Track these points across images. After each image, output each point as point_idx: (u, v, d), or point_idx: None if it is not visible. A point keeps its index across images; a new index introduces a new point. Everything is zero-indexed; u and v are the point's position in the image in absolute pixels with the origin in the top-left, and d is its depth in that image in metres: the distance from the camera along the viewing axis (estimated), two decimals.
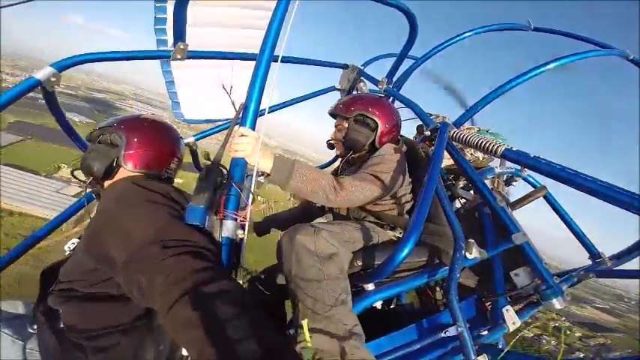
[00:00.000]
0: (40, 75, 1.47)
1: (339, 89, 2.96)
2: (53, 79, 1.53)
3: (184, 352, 1.03)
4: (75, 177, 1.38)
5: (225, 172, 1.20)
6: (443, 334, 1.39)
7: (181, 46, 1.91)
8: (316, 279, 1.30)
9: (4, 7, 1.64)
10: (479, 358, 1.29)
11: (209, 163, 1.17)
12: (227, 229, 1.12)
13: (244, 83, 2.82)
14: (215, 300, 0.78)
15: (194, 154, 2.61)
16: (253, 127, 1.32)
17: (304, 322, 0.99)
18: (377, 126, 1.87)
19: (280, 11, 1.45)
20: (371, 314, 1.43)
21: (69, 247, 1.37)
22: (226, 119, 2.82)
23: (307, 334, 0.90)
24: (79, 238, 1.25)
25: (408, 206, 1.80)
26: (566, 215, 2.22)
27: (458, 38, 2.66)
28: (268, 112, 1.45)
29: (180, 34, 1.88)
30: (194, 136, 2.58)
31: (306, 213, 2.20)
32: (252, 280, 1.81)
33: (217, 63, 2.64)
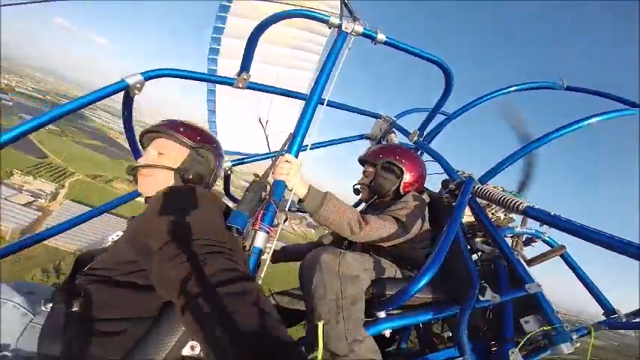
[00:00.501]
0: (130, 80, 1.81)
1: (369, 138, 3.40)
2: (138, 86, 1.85)
3: (184, 351, 1.18)
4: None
5: (268, 189, 1.52)
6: None
7: (244, 77, 2.31)
8: (335, 297, 1.57)
9: (4, 5, 1.91)
10: None
11: (257, 178, 1.51)
12: (259, 240, 1.39)
13: (279, 118, 3.39)
14: (237, 299, 0.88)
15: (227, 178, 2.99)
16: (296, 156, 1.72)
17: (319, 324, 1.30)
18: (402, 174, 2.25)
19: (332, 60, 1.92)
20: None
21: (112, 238, 1.59)
22: (260, 154, 3.23)
23: (321, 337, 1.15)
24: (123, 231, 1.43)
25: (424, 252, 2.09)
26: (582, 273, 2.44)
27: (490, 96, 2.94)
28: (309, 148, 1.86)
29: (246, 65, 2.29)
30: (232, 161, 2.98)
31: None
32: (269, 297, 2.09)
33: (258, 97, 3.12)
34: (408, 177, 2.28)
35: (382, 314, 1.70)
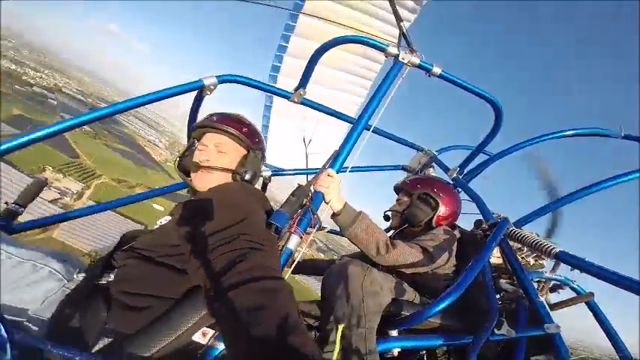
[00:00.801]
0: (207, 81, 2.08)
1: (407, 169, 3.60)
2: (212, 87, 2.13)
3: (195, 337, 1.27)
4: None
5: (309, 197, 1.68)
6: None
7: (301, 92, 2.59)
8: (357, 305, 1.73)
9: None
10: None
11: (302, 185, 1.67)
12: (293, 242, 1.52)
13: (321, 138, 3.65)
14: (269, 295, 0.97)
15: (265, 186, 3.25)
16: (338, 172, 1.92)
17: (340, 326, 1.45)
18: (438, 206, 2.41)
19: (384, 87, 2.15)
20: None
21: (160, 222, 1.62)
22: (299, 169, 3.51)
23: (339, 339, 1.26)
24: (173, 217, 1.50)
25: (445, 284, 2.19)
26: (605, 321, 2.46)
27: (539, 140, 3.04)
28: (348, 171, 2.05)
29: (304, 82, 2.56)
30: (272, 171, 3.25)
31: None
32: None
33: (303, 117, 3.41)
34: (442, 210, 2.43)
35: (394, 333, 1.84)
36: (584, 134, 3.03)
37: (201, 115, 2.08)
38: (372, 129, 2.14)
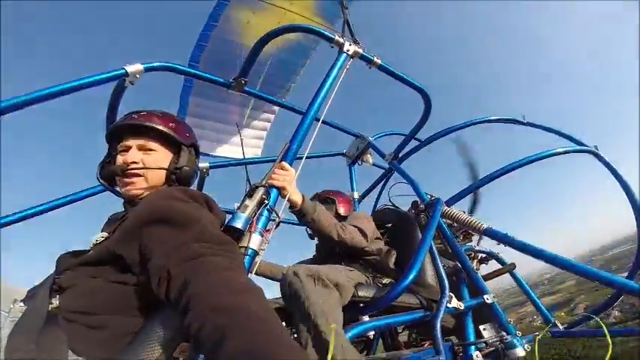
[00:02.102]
0: (131, 69, 1.88)
1: (346, 155, 3.66)
2: (136, 76, 1.92)
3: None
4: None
5: (268, 193, 1.62)
6: None
7: (242, 81, 2.47)
8: (318, 312, 1.67)
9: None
10: None
11: (259, 183, 1.61)
12: (255, 242, 1.44)
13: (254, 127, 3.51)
14: (240, 296, 0.88)
15: (202, 180, 3.10)
16: (291, 164, 1.87)
17: (332, 326, 1.44)
18: (335, 202, 2.84)
19: (331, 78, 2.14)
20: None
21: (95, 240, 1.43)
22: (238, 159, 3.37)
23: (333, 340, 1.25)
24: (110, 233, 1.32)
25: (386, 261, 2.43)
26: (528, 289, 2.84)
27: (460, 126, 3.29)
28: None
29: (246, 71, 2.44)
30: (210, 163, 3.09)
31: None
32: None
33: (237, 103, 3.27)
34: (338, 201, 2.86)
35: (365, 318, 1.90)
36: (497, 121, 3.44)
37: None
38: (321, 120, 2.12)
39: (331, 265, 2.13)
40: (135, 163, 1.40)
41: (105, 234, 1.35)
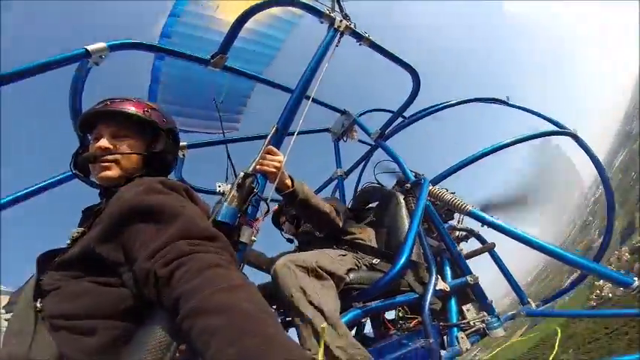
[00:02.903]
0: (93, 47, 1.71)
1: (331, 131, 3.58)
2: (100, 57, 1.75)
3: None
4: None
5: (257, 182, 1.48)
6: (413, 346, 1.88)
7: (222, 57, 2.30)
8: (315, 300, 1.65)
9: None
10: None
11: (246, 172, 1.46)
12: (245, 235, 1.35)
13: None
14: (232, 293, 0.83)
15: (181, 161, 3.00)
16: (279, 149, 1.76)
17: (323, 325, 1.40)
18: None
19: (319, 54, 2.02)
20: None
21: (73, 234, 1.32)
22: (216, 140, 3.24)
23: (323, 338, 1.23)
24: (87, 228, 1.24)
25: (370, 238, 2.40)
26: (505, 269, 2.90)
27: (445, 105, 3.30)
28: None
29: (226, 47, 2.27)
30: (187, 144, 3.00)
31: None
32: None
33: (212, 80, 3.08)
34: None
35: (359, 305, 1.89)
36: (482, 101, 3.51)
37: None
38: (311, 99, 2.00)
39: (321, 250, 2.08)
40: (107, 149, 1.31)
41: (81, 229, 1.27)
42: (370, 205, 2.94)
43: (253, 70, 2.88)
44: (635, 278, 2.02)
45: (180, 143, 2.75)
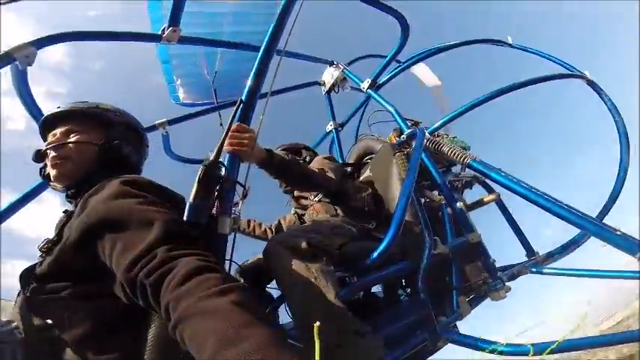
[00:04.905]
0: (18, 53, 1.56)
1: (321, 84, 3.28)
2: (27, 57, 1.60)
3: None
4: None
5: (223, 169, 1.31)
6: (411, 317, 1.78)
7: (174, 30, 2.08)
8: (306, 275, 1.49)
9: (4, 3, 1.69)
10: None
11: (208, 161, 1.26)
12: (223, 225, 1.24)
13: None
14: (217, 297, 0.78)
15: (166, 138, 2.96)
16: (249, 123, 1.52)
17: (315, 325, 1.27)
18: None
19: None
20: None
21: (41, 247, 1.25)
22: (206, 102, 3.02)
23: (317, 336, 1.12)
24: (56, 237, 1.18)
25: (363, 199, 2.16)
26: (511, 219, 2.70)
27: (444, 47, 2.96)
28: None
29: (175, 18, 2.05)
30: (168, 120, 2.87)
31: None
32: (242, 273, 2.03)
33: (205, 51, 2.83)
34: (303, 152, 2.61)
35: (354, 279, 1.78)
36: (482, 42, 3.16)
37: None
38: (283, 53, 1.74)
39: (314, 222, 1.94)
40: (52, 142, 1.28)
41: (51, 239, 1.20)
42: (367, 159, 2.71)
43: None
44: None
45: (159, 120, 2.80)
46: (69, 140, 1.27)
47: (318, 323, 0.86)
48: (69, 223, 1.13)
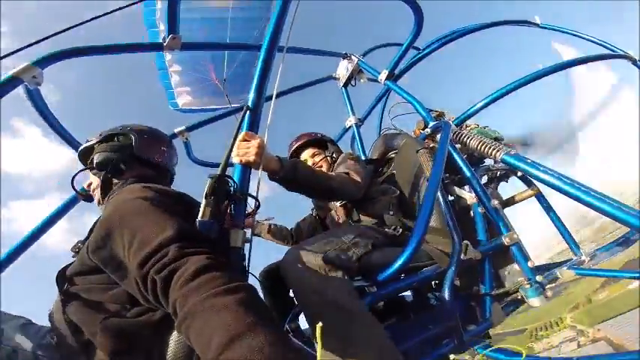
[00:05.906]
0: (26, 75, 1.56)
1: (336, 78, 3.13)
2: (35, 78, 1.62)
3: None
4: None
5: (231, 182, 1.24)
6: (437, 328, 1.63)
7: (174, 38, 2.07)
8: (320, 288, 1.40)
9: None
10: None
11: (214, 176, 1.20)
12: (236, 239, 1.19)
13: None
14: (226, 296, 0.79)
15: (186, 145, 2.98)
16: (256, 130, 1.43)
17: (318, 326, 1.17)
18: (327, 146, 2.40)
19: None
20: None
21: (73, 249, 1.37)
22: (219, 107, 2.97)
23: (320, 337, 1.06)
24: (84, 239, 1.29)
25: (388, 202, 2.01)
26: (554, 215, 2.44)
27: (464, 30, 2.74)
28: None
29: (173, 27, 2.03)
30: (186, 127, 2.87)
31: None
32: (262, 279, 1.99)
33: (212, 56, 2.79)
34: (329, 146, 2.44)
35: (373, 288, 1.60)
36: (506, 23, 2.96)
37: None
38: (285, 49, 1.68)
39: (334, 232, 1.78)
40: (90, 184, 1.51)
41: (82, 240, 1.32)
42: (390, 155, 2.52)
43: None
44: None
45: (178, 129, 2.85)
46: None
47: (320, 324, 0.86)
48: (96, 227, 1.17)
